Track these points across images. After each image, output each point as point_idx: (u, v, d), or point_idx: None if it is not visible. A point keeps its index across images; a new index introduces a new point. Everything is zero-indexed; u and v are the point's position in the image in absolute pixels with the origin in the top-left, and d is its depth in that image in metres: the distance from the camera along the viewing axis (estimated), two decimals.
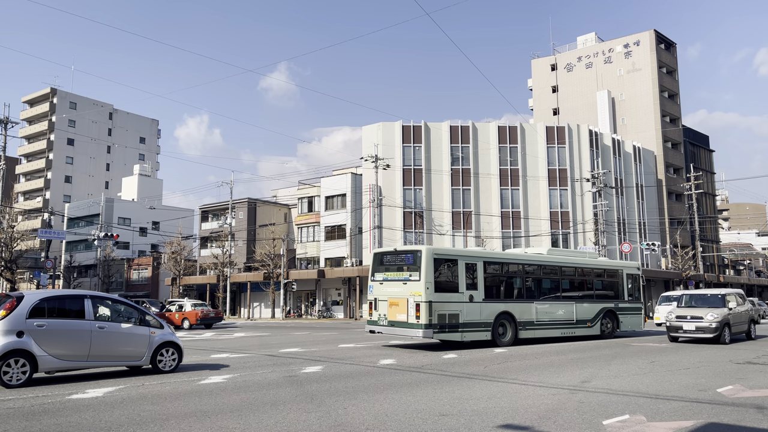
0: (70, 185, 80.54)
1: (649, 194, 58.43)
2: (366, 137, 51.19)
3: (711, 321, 17.01)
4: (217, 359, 13.82)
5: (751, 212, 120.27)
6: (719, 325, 16.88)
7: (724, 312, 17.30)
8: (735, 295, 18.78)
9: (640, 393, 8.67)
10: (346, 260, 49.38)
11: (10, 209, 40.38)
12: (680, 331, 17.54)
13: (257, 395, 8.58)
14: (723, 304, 17.66)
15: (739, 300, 18.87)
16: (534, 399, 8.19)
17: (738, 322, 18.10)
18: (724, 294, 18.19)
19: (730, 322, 17.42)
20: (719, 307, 17.54)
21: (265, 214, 58.71)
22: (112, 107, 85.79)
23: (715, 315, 17.04)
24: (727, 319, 17.28)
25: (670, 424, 6.63)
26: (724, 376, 10.47)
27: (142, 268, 64.03)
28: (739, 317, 18.19)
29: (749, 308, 19.24)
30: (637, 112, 63.38)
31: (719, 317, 17.00)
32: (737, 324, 18.07)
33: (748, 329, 19.12)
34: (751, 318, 19.33)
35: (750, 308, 19.36)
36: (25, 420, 6.96)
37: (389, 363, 12.74)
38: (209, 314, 32.16)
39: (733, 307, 17.68)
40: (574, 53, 69.01)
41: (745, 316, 18.82)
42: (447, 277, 16.06)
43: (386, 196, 48.87)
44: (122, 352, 10.54)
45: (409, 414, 7.19)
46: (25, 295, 9.83)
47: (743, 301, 19.24)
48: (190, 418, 7.03)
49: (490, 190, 50.00)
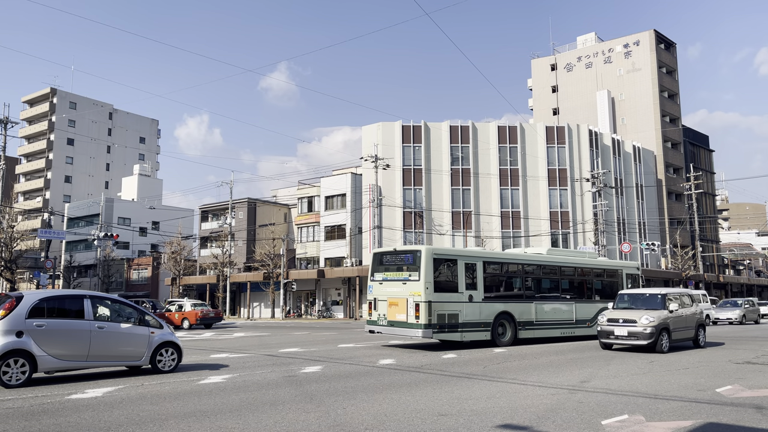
0: (70, 185, 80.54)
1: (648, 194, 58.44)
2: (366, 137, 51.21)
3: (645, 325, 14.53)
4: (216, 359, 13.83)
5: (751, 212, 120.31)
6: (654, 330, 14.42)
7: (663, 315, 14.85)
8: (681, 296, 16.33)
9: (639, 393, 8.67)
10: (346, 260, 49.39)
11: (10, 209, 40.39)
12: (611, 336, 15.03)
13: (257, 395, 8.58)
14: (662, 306, 15.19)
15: (686, 301, 16.31)
16: (533, 399, 8.19)
17: (681, 327, 15.54)
18: (665, 294, 15.65)
19: (669, 326, 14.93)
20: (657, 309, 15.05)
21: (265, 214, 58.72)
22: (112, 107, 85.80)
23: (651, 318, 14.56)
24: (665, 323, 14.80)
25: (669, 424, 6.64)
26: (723, 376, 10.47)
27: (142, 268, 64.03)
28: (682, 321, 15.61)
29: (697, 311, 16.58)
30: (636, 112, 63.38)
31: (655, 321, 14.55)
32: (680, 329, 15.50)
33: (696, 335, 16.40)
34: (699, 323, 16.63)
35: (699, 311, 16.80)
36: (24, 420, 6.96)
37: (389, 363, 12.75)
38: (209, 314, 32.16)
39: (675, 309, 15.15)
40: (573, 53, 69.02)
41: (691, 320, 16.17)
42: (446, 277, 16.07)
43: (386, 196, 48.87)
44: (122, 352, 10.54)
45: (409, 414, 7.20)
46: (25, 295, 9.83)
47: (691, 303, 16.65)
48: (189, 418, 7.04)
49: (489, 190, 50.01)
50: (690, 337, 16.12)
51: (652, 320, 14.51)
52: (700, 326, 16.56)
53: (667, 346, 14.81)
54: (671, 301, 15.44)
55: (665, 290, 15.98)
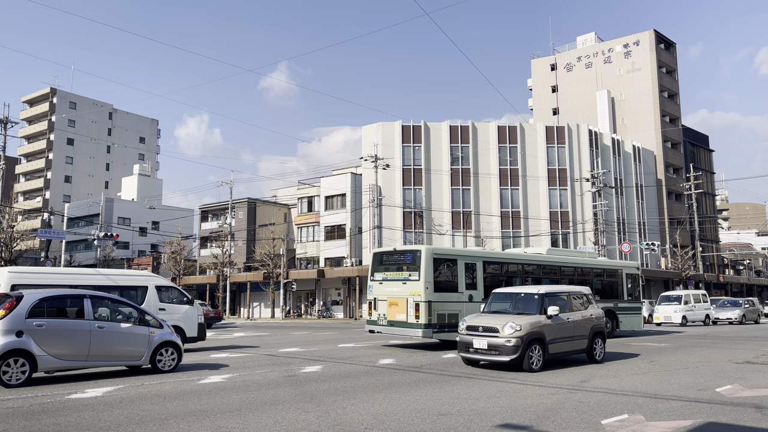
0: (70, 185, 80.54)
1: (648, 194, 58.44)
2: (366, 137, 51.22)
3: (508, 336, 10.90)
4: (216, 359, 13.83)
5: (751, 212, 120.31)
6: (520, 342, 10.84)
7: (535, 321, 11.31)
8: (570, 296, 12.67)
9: (639, 392, 8.67)
10: (346, 260, 49.40)
11: (9, 209, 40.39)
12: (471, 350, 11.52)
13: (256, 395, 8.59)
14: (538, 309, 11.65)
15: (576, 302, 12.70)
16: (533, 398, 8.20)
17: (565, 336, 11.91)
18: (544, 293, 11.99)
19: (544, 336, 11.31)
20: (531, 314, 11.58)
21: (264, 214, 58.72)
22: (111, 107, 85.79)
23: (516, 326, 10.98)
24: (538, 332, 11.22)
25: (668, 423, 6.64)
26: (723, 376, 10.47)
27: (142, 268, 63.98)
28: (567, 329, 11.97)
29: (593, 315, 12.86)
30: (636, 112, 63.39)
31: (522, 330, 10.94)
32: (563, 340, 11.86)
33: (590, 347, 12.60)
34: (596, 330, 12.78)
35: (596, 315, 13.00)
36: (24, 419, 6.96)
37: (389, 363, 12.75)
38: (209, 314, 32.14)
39: (556, 313, 11.56)
40: (573, 53, 69.03)
41: (583, 327, 12.42)
42: (446, 277, 16.08)
43: (386, 196, 48.88)
44: (121, 351, 10.54)
45: (408, 413, 7.20)
46: (25, 295, 9.83)
47: (587, 304, 12.98)
48: (189, 417, 7.04)
49: (489, 190, 50.02)
50: (581, 349, 12.42)
51: (518, 329, 10.95)
52: (596, 335, 12.76)
53: (538, 362, 11.21)
54: (552, 302, 11.90)
55: (546, 288, 12.43)
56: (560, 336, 11.79)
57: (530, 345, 11.07)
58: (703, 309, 31.73)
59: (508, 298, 12.63)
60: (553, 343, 11.60)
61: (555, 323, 11.68)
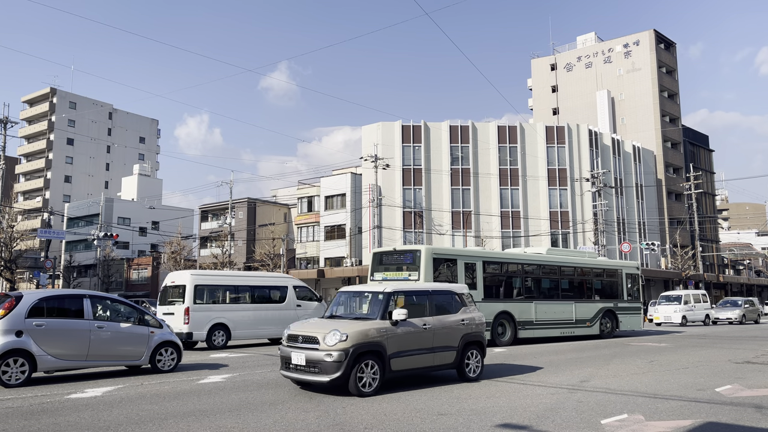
0: (70, 185, 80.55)
1: (648, 194, 58.45)
2: (366, 137, 51.23)
3: (329, 348, 8.27)
4: (216, 359, 13.83)
5: (751, 212, 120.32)
6: (343, 357, 8.19)
7: (372, 329, 8.62)
8: (429, 295, 9.78)
9: (638, 392, 8.67)
10: (346, 260, 49.41)
11: (9, 209, 40.39)
12: (291, 366, 8.72)
13: (256, 395, 8.59)
14: (380, 313, 8.93)
15: (442, 304, 9.83)
16: (533, 398, 8.20)
17: (420, 348, 9.15)
18: (391, 292, 9.22)
19: (384, 348, 8.63)
20: (370, 319, 8.93)
21: (264, 213, 58.72)
22: (111, 107, 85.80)
23: (342, 335, 8.34)
24: (374, 342, 8.55)
25: (668, 423, 6.64)
26: (723, 376, 10.47)
27: (142, 268, 63.99)
28: (422, 338, 9.21)
29: (465, 319, 9.88)
30: (636, 111, 63.40)
31: (348, 340, 8.30)
32: (418, 352, 9.12)
33: (460, 360, 9.74)
34: (470, 339, 9.86)
35: (470, 319, 9.97)
36: (24, 419, 6.97)
37: None
38: None
39: (402, 318, 8.77)
40: (573, 53, 69.04)
41: (449, 335, 9.60)
42: (446, 277, 16.08)
43: (386, 195, 48.88)
44: (121, 351, 10.54)
45: (408, 413, 7.20)
46: (24, 295, 9.84)
47: (459, 306, 9.98)
48: (188, 417, 7.04)
49: (489, 190, 50.03)
50: (445, 364, 9.59)
51: (342, 338, 8.27)
52: (470, 345, 9.91)
53: (373, 383, 8.46)
54: (402, 302, 9.16)
55: (396, 286, 9.66)
56: (412, 347, 9.01)
57: (360, 360, 8.30)
58: (703, 309, 31.73)
59: (352, 297, 9.90)
60: (400, 356, 8.81)
61: (404, 331, 8.90)
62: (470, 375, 9.89)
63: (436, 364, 9.50)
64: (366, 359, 8.42)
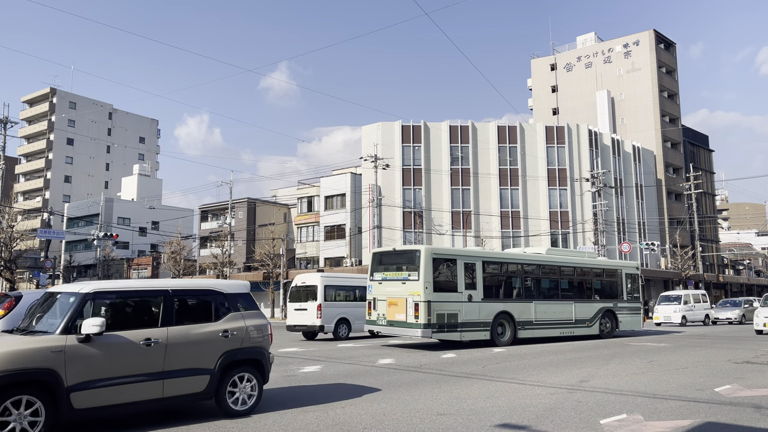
0: (70, 185, 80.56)
1: (648, 194, 58.45)
2: (366, 137, 51.23)
3: None
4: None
5: (751, 212, 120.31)
6: None
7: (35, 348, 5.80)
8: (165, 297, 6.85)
9: (638, 392, 8.67)
10: (346, 260, 49.41)
11: (9, 209, 40.39)
12: None
13: None
14: (65, 324, 6.12)
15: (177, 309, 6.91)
16: (532, 398, 8.20)
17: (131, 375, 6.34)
18: (91, 293, 6.50)
19: (58, 377, 5.83)
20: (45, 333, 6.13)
21: (264, 213, 58.73)
22: (111, 107, 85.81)
23: None
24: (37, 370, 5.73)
25: (667, 423, 6.64)
26: (722, 376, 10.47)
27: (142, 268, 64.01)
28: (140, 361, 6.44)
29: (230, 331, 7.20)
30: (636, 112, 63.40)
31: None
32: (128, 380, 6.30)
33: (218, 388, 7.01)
34: (236, 358, 7.22)
35: (238, 329, 7.30)
36: None
37: (388, 362, 12.75)
38: None
39: (96, 332, 6.04)
40: (573, 53, 69.04)
41: (199, 354, 6.91)
42: (446, 277, 16.08)
43: (386, 195, 48.89)
44: None
45: (407, 413, 7.20)
46: (24, 295, 9.83)
47: (212, 314, 7.22)
48: (188, 417, 7.04)
49: (489, 190, 50.03)
50: (193, 393, 6.84)
51: None
52: (233, 366, 7.25)
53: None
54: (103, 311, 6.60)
55: (100, 285, 6.72)
56: (119, 373, 6.26)
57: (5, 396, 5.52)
58: (703, 309, 31.74)
59: (49, 301, 6.79)
60: (92, 388, 6.03)
61: (102, 350, 6.17)
62: (235, 407, 7.07)
63: (168, 396, 6.57)
64: (17, 395, 5.57)
